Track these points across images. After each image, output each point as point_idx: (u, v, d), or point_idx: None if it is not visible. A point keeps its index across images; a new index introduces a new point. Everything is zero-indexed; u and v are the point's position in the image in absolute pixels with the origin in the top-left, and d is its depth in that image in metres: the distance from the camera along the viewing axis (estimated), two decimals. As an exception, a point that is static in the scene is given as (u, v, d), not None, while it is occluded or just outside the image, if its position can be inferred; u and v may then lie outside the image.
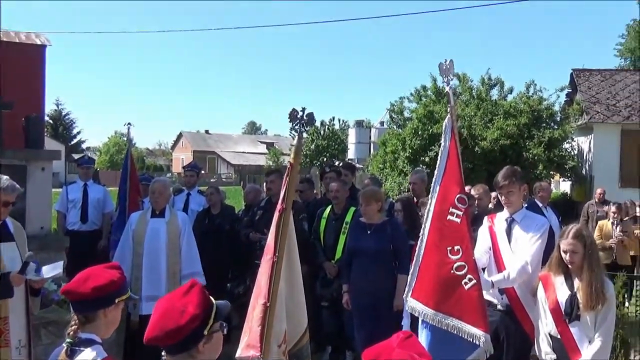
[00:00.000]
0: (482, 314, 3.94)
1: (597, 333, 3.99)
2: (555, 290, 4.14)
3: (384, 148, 21.58)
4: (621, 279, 7.23)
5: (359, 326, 5.93)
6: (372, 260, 5.83)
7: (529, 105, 19.49)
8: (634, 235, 10.64)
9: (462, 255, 3.95)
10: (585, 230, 4.14)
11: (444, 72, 3.96)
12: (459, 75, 21.17)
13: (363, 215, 6.04)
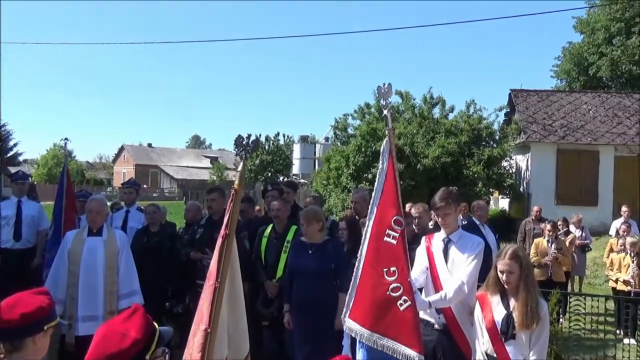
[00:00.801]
0: (416, 335, 3.98)
1: (532, 351, 4.06)
2: (491, 309, 4.20)
3: (327, 164, 21.71)
4: (555, 295, 7.42)
5: (300, 346, 5.90)
6: (313, 279, 5.82)
7: (469, 124, 19.95)
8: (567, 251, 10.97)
9: (398, 276, 3.99)
10: (521, 251, 4.23)
11: (382, 95, 4.00)
12: (402, 94, 21.55)
13: (304, 235, 6.03)
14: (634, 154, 20.22)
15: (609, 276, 10.63)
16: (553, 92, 25.10)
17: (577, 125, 21.00)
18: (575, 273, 12.57)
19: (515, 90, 23.42)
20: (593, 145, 20.27)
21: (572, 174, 19.92)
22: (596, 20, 32.76)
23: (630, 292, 9.73)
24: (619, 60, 30.82)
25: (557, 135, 20.58)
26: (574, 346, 8.37)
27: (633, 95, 23.74)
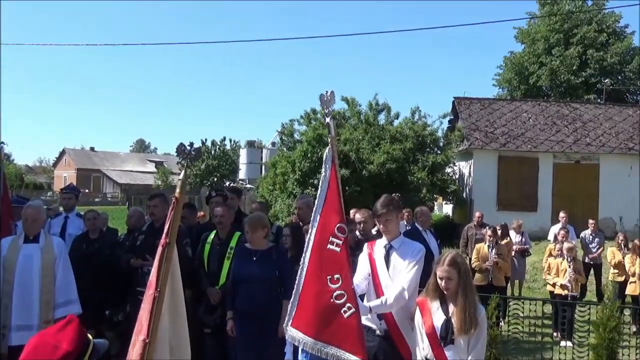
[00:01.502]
0: (360, 341, 4.01)
1: (470, 356, 4.14)
2: (431, 315, 4.26)
3: (274, 170, 21.69)
4: (495, 300, 7.59)
5: (243, 353, 5.87)
6: (257, 286, 5.80)
7: (414, 131, 20.23)
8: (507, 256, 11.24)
9: (342, 284, 4.01)
10: (460, 257, 4.30)
11: (324, 103, 4.02)
12: (347, 100, 21.70)
13: (249, 241, 6.02)
14: (571, 161, 20.92)
15: (547, 280, 10.94)
16: (495, 100, 25.73)
17: (518, 133, 21.57)
18: (515, 277, 12.90)
19: (459, 98, 23.88)
20: (533, 153, 20.85)
21: (512, 181, 20.44)
22: (536, 31, 33.76)
23: (567, 296, 10.04)
24: (558, 70, 31.83)
25: (498, 142, 21.09)
26: (512, 349, 8.57)
27: (571, 104, 24.55)
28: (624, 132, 21.96)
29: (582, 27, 32.26)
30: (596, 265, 13.30)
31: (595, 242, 13.37)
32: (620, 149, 21.05)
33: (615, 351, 6.80)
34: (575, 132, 21.83)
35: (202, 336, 6.59)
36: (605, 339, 6.76)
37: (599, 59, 31.68)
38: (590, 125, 22.36)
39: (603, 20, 32.68)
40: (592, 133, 21.84)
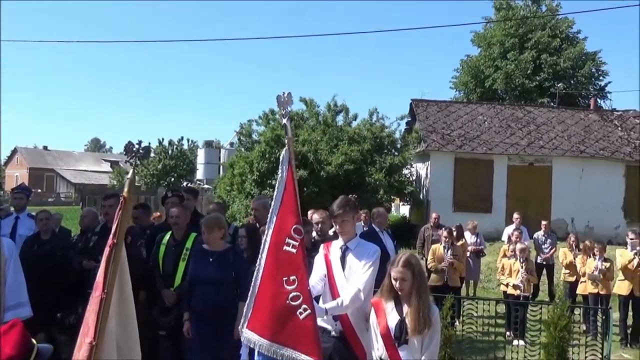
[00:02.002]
0: (316, 342, 4.02)
1: (424, 355, 4.18)
2: (386, 315, 4.29)
3: (231, 170, 21.57)
4: (450, 300, 7.69)
5: (198, 355, 5.83)
6: (214, 287, 5.77)
7: (372, 132, 20.33)
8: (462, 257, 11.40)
9: (298, 285, 4.02)
10: (414, 258, 4.34)
11: (281, 104, 4.02)
12: (306, 101, 21.70)
13: (206, 242, 5.98)
14: (525, 163, 21.32)
15: (501, 281, 11.12)
16: (451, 103, 26.05)
17: (474, 135, 21.89)
18: (470, 277, 13.09)
19: (416, 100, 24.11)
20: (488, 155, 21.19)
21: (468, 182, 20.72)
22: (492, 35, 34.33)
23: (519, 296, 10.24)
24: (513, 74, 32.42)
25: (454, 144, 21.37)
26: (466, 349, 8.70)
27: (525, 108, 25.03)
28: (576, 135, 22.50)
29: (536, 32, 32.95)
30: (548, 266, 13.60)
31: (548, 243, 13.67)
32: (572, 151, 21.55)
33: (565, 350, 6.95)
34: (529, 135, 22.25)
35: (156, 338, 6.53)
36: (556, 338, 6.90)
37: (552, 63, 32.39)
38: (544, 128, 22.83)
39: (556, 26, 33.43)
40: (546, 136, 22.30)
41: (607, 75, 35.11)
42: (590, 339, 8.79)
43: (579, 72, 33.30)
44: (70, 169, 71.41)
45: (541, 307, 8.39)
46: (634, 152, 21.79)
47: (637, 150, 21.91)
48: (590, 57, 33.83)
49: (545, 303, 9.04)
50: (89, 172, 71.28)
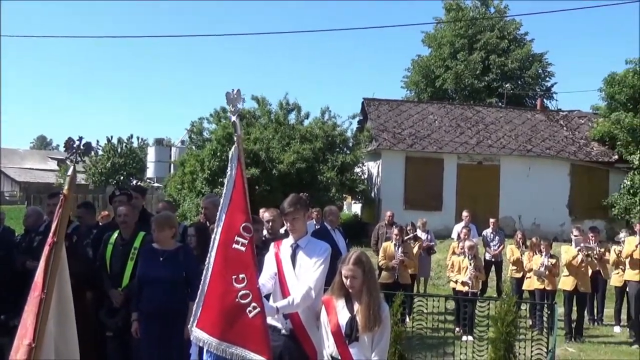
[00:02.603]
0: (265, 341, 4.01)
1: (374, 352, 4.20)
2: (336, 313, 4.29)
3: (182, 168, 21.34)
4: (400, 297, 7.76)
5: (148, 356, 5.74)
6: (164, 287, 5.69)
7: (323, 131, 20.36)
8: (414, 255, 11.51)
9: (247, 283, 3.99)
10: (365, 256, 4.35)
11: (231, 101, 3.99)
12: (258, 99, 21.61)
13: (155, 241, 5.90)
14: (474, 162, 21.69)
15: (450, 277, 11.30)
16: (403, 102, 26.27)
17: (424, 134, 22.14)
18: (420, 275, 13.24)
19: (368, 99, 24.24)
20: (438, 154, 21.47)
21: (419, 181, 20.96)
22: (442, 36, 34.78)
23: (468, 293, 10.41)
24: (462, 74, 32.92)
25: (405, 143, 21.57)
26: (416, 345, 8.80)
27: (474, 107, 25.45)
28: (523, 134, 22.99)
29: (485, 34, 33.53)
30: (497, 262, 13.86)
31: (496, 240, 13.93)
32: (520, 150, 22.02)
33: (512, 344, 7.08)
34: (478, 134, 22.63)
35: (103, 339, 6.41)
36: (503, 333, 7.02)
37: (500, 64, 33.01)
38: (492, 127, 23.25)
39: (504, 28, 34.08)
40: (494, 135, 22.72)
41: (553, 76, 36.05)
42: (536, 333, 8.98)
43: (526, 73, 34.00)
44: (15, 167, 69.37)
45: (489, 303, 8.52)
46: (579, 152, 22.41)
47: (581, 150, 22.54)
48: (537, 58, 34.58)
49: (493, 299, 9.21)
50: (34, 170, 69.39)
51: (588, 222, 18.46)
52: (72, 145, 3.04)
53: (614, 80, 21.91)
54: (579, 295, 10.80)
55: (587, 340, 10.65)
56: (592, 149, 22.69)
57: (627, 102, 21.56)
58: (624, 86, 21.44)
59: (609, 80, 22.10)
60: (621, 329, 11.52)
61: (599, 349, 10.14)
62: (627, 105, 21.60)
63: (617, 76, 21.91)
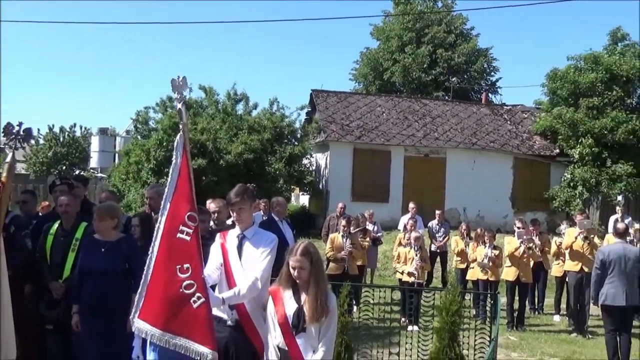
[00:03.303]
0: (210, 332, 3.96)
1: (321, 342, 4.20)
2: (283, 304, 4.28)
3: (127, 158, 20.91)
4: (347, 288, 7.78)
5: (89, 349, 5.60)
6: (106, 279, 5.57)
7: (272, 122, 20.24)
8: (361, 247, 11.57)
9: (192, 273, 3.94)
10: (312, 247, 4.34)
11: (176, 88, 3.91)
12: (205, 89, 21.34)
13: (97, 231, 5.76)
14: (421, 154, 21.91)
15: (397, 268, 11.40)
16: (351, 94, 26.32)
17: (372, 127, 22.23)
18: (368, 265, 13.33)
19: (316, 91, 24.20)
20: (386, 146, 21.59)
21: (366, 172, 21.02)
22: (391, 29, 34.97)
23: (414, 283, 10.53)
24: (410, 67, 33.19)
25: (353, 135, 21.62)
26: (363, 335, 8.85)
27: (421, 100, 25.70)
28: (469, 128, 23.32)
29: (433, 28, 33.86)
30: (442, 253, 14.08)
31: (441, 232, 14.15)
32: (465, 143, 22.33)
33: (456, 333, 7.16)
34: (424, 127, 22.84)
35: (43, 332, 6.24)
36: (447, 323, 7.10)
37: (447, 58, 33.41)
38: (439, 120, 23.51)
39: (451, 22, 34.50)
40: (440, 128, 22.98)
41: (497, 71, 36.65)
42: (479, 322, 9.15)
43: (472, 67, 34.50)
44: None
45: (434, 294, 8.64)
46: (522, 145, 22.90)
47: (524, 144, 23.04)
48: (482, 53, 35.12)
49: (438, 289, 9.33)
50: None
51: (530, 214, 18.95)
52: (11, 130, 2.92)
53: (556, 76, 22.47)
54: (520, 285, 11.06)
55: (528, 329, 10.93)
56: (535, 143, 23.19)
57: (569, 97, 22.15)
58: (566, 82, 22.03)
59: (551, 75, 22.66)
60: (561, 317, 11.86)
61: (539, 337, 10.41)
62: (568, 100, 22.19)
63: (559, 72, 22.48)
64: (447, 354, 7.07)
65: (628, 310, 8.69)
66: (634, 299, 8.69)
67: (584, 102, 21.57)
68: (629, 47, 22.82)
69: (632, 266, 8.76)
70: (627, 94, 21.90)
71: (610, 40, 23.22)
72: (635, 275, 8.74)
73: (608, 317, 8.71)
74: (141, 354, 4.71)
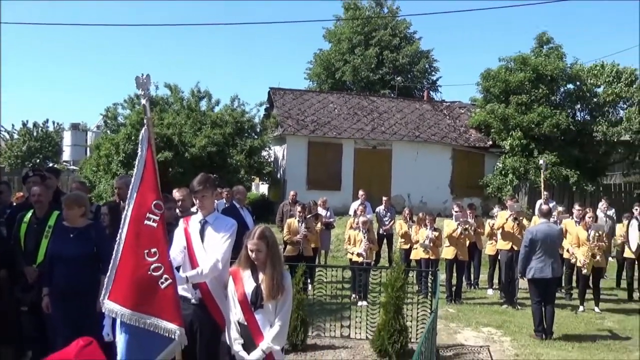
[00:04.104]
0: (177, 310, 3.94)
1: (277, 318, 4.22)
2: (243, 283, 4.28)
3: (98, 152, 20.50)
4: (302, 268, 7.82)
5: (60, 330, 5.49)
6: (75, 263, 5.45)
7: (233, 117, 20.11)
8: (315, 230, 11.62)
9: (159, 257, 3.91)
10: (268, 231, 4.35)
11: (140, 85, 3.86)
12: (170, 86, 21.05)
13: (65, 219, 5.65)
14: (369, 147, 22.04)
15: (347, 250, 11.49)
16: (305, 92, 26.23)
17: (325, 121, 22.25)
18: (322, 248, 13.40)
19: (274, 89, 24.07)
20: (337, 139, 21.63)
21: (320, 163, 21.08)
22: (341, 32, 34.98)
23: (363, 263, 10.63)
24: (359, 68, 33.30)
25: (308, 129, 21.60)
26: (317, 310, 8.91)
27: (369, 98, 25.78)
28: (412, 122, 23.53)
29: (379, 31, 33.99)
30: (388, 236, 14.23)
31: (388, 216, 14.29)
32: (409, 136, 22.54)
33: (401, 307, 7.28)
34: (372, 122, 22.95)
35: (19, 314, 6.11)
36: (393, 298, 7.20)
37: (392, 59, 33.60)
38: (385, 115, 23.66)
39: (396, 26, 34.68)
40: (387, 123, 23.12)
41: (438, 71, 36.99)
42: (421, 297, 9.28)
43: (415, 67, 34.76)
44: None
45: (381, 272, 8.72)
46: (459, 138, 23.24)
47: (461, 137, 23.38)
48: (424, 55, 35.43)
49: (384, 268, 9.44)
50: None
51: (467, 199, 19.27)
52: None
53: (489, 76, 22.84)
54: (458, 263, 11.28)
55: (465, 302, 11.15)
56: (471, 136, 23.53)
57: (500, 94, 22.55)
58: (497, 81, 22.41)
59: (485, 75, 23.01)
60: (493, 291, 12.13)
61: (474, 309, 10.62)
62: (500, 97, 22.59)
63: (491, 72, 22.85)
64: (393, 325, 7.19)
65: (552, 282, 8.97)
66: (558, 271, 9.00)
67: (513, 99, 21.98)
68: (553, 49, 23.30)
69: (556, 243, 9.04)
70: (551, 91, 22.36)
71: (537, 43, 23.68)
72: (557, 251, 9.03)
73: (535, 290, 8.96)
74: (111, 332, 4.65)
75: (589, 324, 9.90)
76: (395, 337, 7.14)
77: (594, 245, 10.61)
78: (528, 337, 8.73)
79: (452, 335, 8.69)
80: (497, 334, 8.88)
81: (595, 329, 9.58)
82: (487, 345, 8.24)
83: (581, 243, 10.76)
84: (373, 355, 7.30)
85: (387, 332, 7.16)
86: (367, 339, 7.85)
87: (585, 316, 10.43)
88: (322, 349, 7.62)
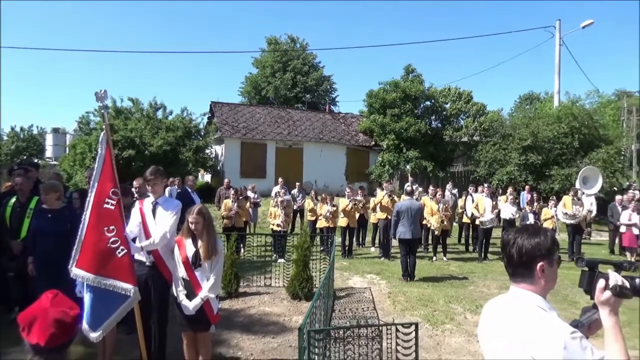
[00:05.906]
0: (131, 273, 3.80)
1: (212, 273, 4.16)
2: (185, 248, 4.18)
3: (74, 150, 19.25)
4: (234, 236, 7.73)
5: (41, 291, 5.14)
6: (53, 238, 5.13)
7: (183, 124, 19.46)
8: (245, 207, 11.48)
9: (116, 232, 3.74)
10: (205, 208, 4.26)
11: (99, 99, 3.64)
12: (132, 100, 20.05)
13: (44, 202, 5.29)
14: (287, 146, 22.00)
15: (270, 222, 11.45)
16: (239, 105, 25.72)
17: (253, 127, 21.99)
18: (251, 221, 13.27)
19: (214, 102, 23.50)
20: (263, 141, 21.45)
21: (250, 158, 20.86)
22: (266, 60, 34.59)
23: (281, 231, 10.64)
24: (279, 87, 33.08)
25: (241, 133, 21.29)
26: (247, 267, 8.86)
27: (287, 110, 25.68)
28: (317, 128, 23.70)
29: (294, 61, 33.89)
30: (301, 211, 14.27)
31: (300, 197, 14.31)
32: (315, 138, 22.69)
33: (308, 262, 7.37)
34: (289, 128, 22.92)
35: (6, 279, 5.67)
36: (302, 256, 7.28)
37: (303, 81, 33.61)
38: (298, 123, 23.67)
39: (306, 57, 34.69)
40: (299, 128, 23.16)
41: (336, 90, 37.41)
42: (323, 255, 9.43)
43: (320, 88, 34.99)
44: None
45: (294, 237, 8.78)
46: (352, 140, 23.64)
47: (353, 139, 23.79)
48: (326, 79, 35.69)
49: (296, 234, 9.51)
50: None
51: (357, 183, 19.70)
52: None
53: (372, 94, 23.30)
54: (350, 229, 11.51)
55: (355, 257, 11.40)
56: (360, 138, 23.99)
57: (380, 108, 23.07)
58: (378, 98, 22.91)
59: (369, 94, 23.46)
60: (375, 249, 12.49)
61: (361, 261, 10.89)
62: (379, 110, 23.12)
63: (374, 92, 23.32)
64: (302, 275, 7.26)
65: (413, 241, 9.34)
66: (417, 234, 9.36)
67: (389, 112, 22.55)
68: (416, 77, 24.05)
69: (415, 214, 9.41)
70: (415, 106, 23.03)
71: (405, 72, 24.39)
72: (417, 219, 9.41)
73: (402, 246, 9.31)
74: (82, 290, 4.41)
75: (439, 269, 10.40)
76: (304, 284, 7.23)
77: (442, 214, 11.16)
78: (398, 280, 9.06)
79: (345, 281, 8.88)
80: (377, 279, 9.14)
81: (443, 272, 10.09)
82: (370, 287, 8.50)
83: (434, 213, 11.29)
84: (288, 298, 7.35)
85: (298, 281, 7.23)
86: (283, 286, 7.91)
87: (437, 264, 10.96)
88: (251, 295, 7.59)
